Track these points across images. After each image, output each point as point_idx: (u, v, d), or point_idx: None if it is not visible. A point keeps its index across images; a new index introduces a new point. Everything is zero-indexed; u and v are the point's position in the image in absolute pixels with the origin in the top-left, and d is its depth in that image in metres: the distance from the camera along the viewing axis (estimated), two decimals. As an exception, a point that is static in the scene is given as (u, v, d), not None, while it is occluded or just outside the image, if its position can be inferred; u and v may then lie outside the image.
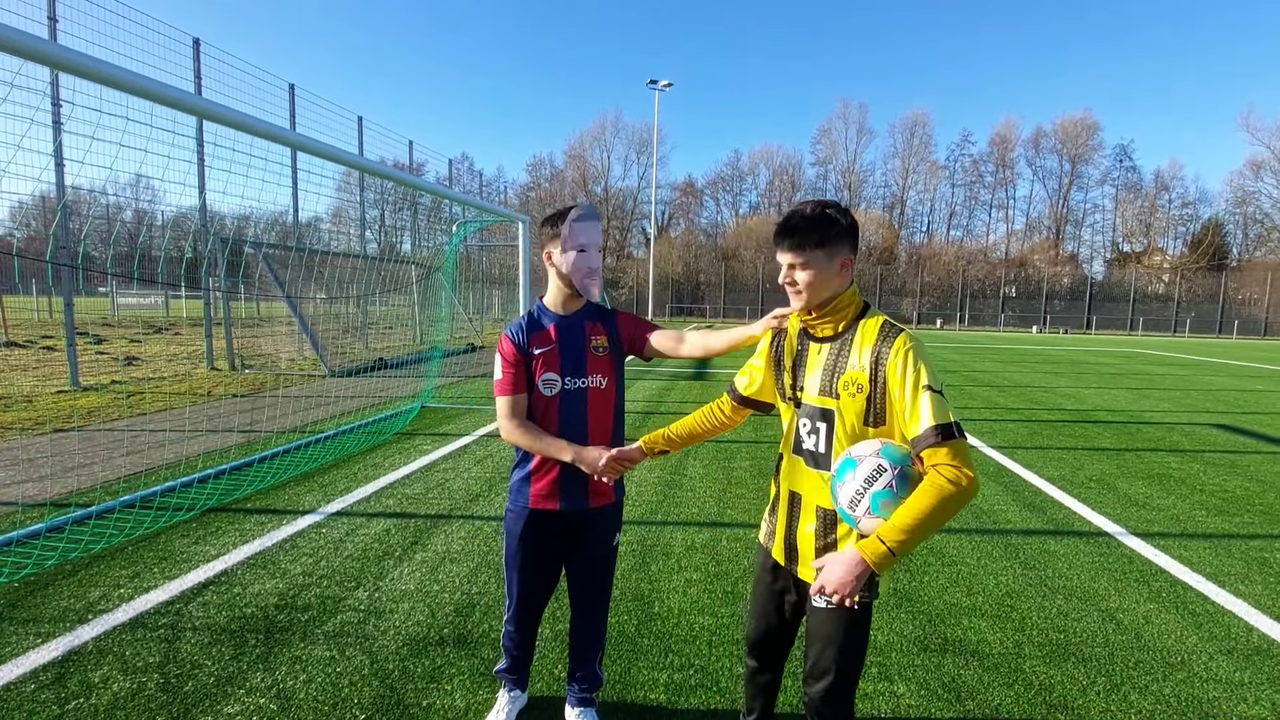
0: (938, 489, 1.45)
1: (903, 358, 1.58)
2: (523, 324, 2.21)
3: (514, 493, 2.28)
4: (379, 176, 8.38)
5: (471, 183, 39.41)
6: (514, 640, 2.38)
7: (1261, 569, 3.97)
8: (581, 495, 2.21)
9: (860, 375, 1.63)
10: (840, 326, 1.72)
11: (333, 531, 4.20)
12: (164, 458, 5.79)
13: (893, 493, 1.49)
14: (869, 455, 1.55)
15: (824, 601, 1.70)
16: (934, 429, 1.50)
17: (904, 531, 1.44)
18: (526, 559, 2.28)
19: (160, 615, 3.11)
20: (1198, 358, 22.75)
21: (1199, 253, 58.74)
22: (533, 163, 74.86)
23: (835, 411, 1.67)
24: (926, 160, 68.89)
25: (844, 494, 1.55)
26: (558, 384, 2.16)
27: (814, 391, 1.72)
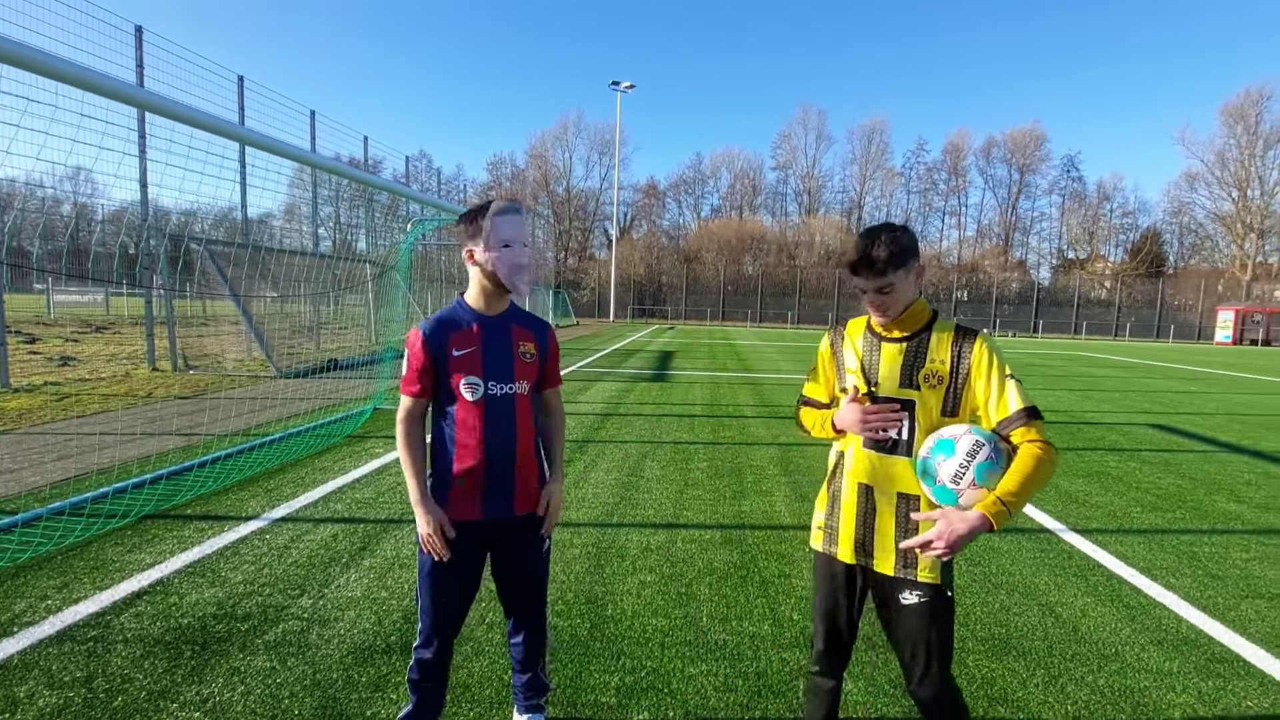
0: (1036, 458, 1.65)
1: (985, 353, 1.79)
2: (439, 321, 2.06)
3: (434, 500, 2.09)
4: (331, 173, 8.17)
5: (430, 180, 38.77)
6: (429, 670, 2.15)
7: (1191, 563, 4.16)
8: (506, 501, 2.10)
9: (941, 368, 1.81)
10: (916, 328, 1.87)
11: (277, 538, 4.06)
12: (98, 462, 5.52)
13: (993, 463, 1.65)
14: (963, 434, 1.69)
15: (915, 597, 1.82)
16: (1023, 410, 1.72)
17: (1016, 494, 1.62)
18: (448, 575, 2.08)
19: (89, 627, 2.96)
20: (1137, 360, 23.78)
21: (1138, 260, 61.60)
22: (493, 161, 73.98)
23: (916, 402, 1.82)
24: (883, 167, 70.73)
25: (945, 470, 1.66)
26: (481, 388, 2.03)
27: (895, 384, 1.85)
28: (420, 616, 2.14)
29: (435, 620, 2.11)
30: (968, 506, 1.66)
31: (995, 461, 1.66)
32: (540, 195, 68.79)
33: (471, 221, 2.02)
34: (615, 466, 5.99)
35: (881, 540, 1.86)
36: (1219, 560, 4.21)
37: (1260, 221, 59.17)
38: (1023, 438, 1.71)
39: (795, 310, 58.02)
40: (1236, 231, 60.85)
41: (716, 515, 4.76)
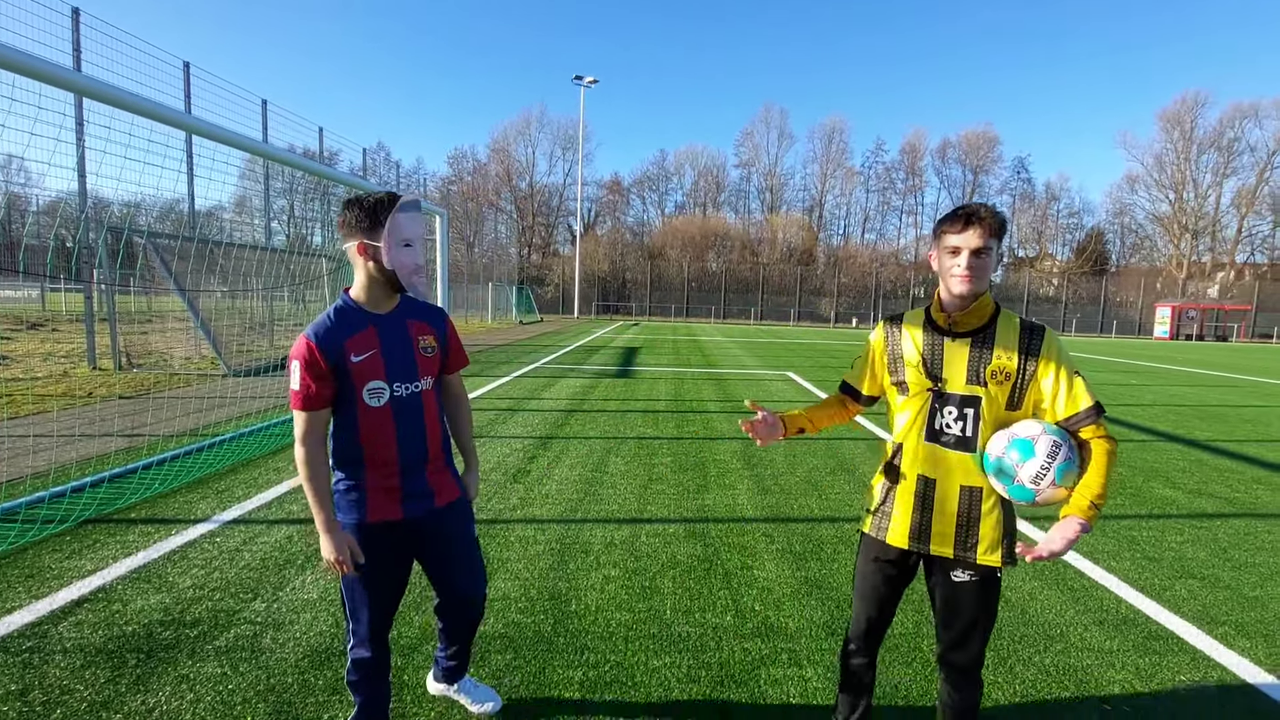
0: (1109, 454, 1.74)
1: (1055, 349, 1.81)
2: (331, 325, 1.92)
3: (346, 505, 2.01)
4: (285, 164, 7.90)
5: (389, 174, 37.97)
6: (369, 670, 2.13)
7: (1130, 546, 4.35)
8: (425, 496, 2.07)
9: (1009, 364, 1.81)
10: (982, 322, 1.86)
11: (228, 541, 3.94)
12: (34, 465, 5.26)
13: (1070, 463, 1.70)
14: (1040, 435, 1.72)
15: (967, 576, 1.89)
16: (1093, 407, 1.77)
17: (1102, 493, 1.70)
18: (374, 580, 2.04)
19: (24, 638, 2.82)
20: (1082, 355, 24.72)
21: (1083, 259, 64.08)
22: (454, 155, 72.78)
23: (982, 398, 1.82)
24: (843, 166, 71.94)
25: (1025, 472, 1.70)
26: (386, 392, 1.96)
27: (960, 381, 1.85)
28: (349, 619, 2.09)
29: (369, 621, 2.07)
30: (1046, 504, 1.74)
31: (1072, 461, 1.71)
32: (503, 190, 68.01)
33: (370, 214, 1.89)
34: (579, 462, 5.97)
35: (941, 529, 1.90)
36: (1155, 543, 4.41)
37: (1195, 222, 62.24)
38: (1093, 434, 1.76)
39: (758, 307, 58.71)
40: (1173, 232, 63.86)
41: (680, 509, 4.78)
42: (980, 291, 1.82)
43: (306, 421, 1.92)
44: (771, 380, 13.06)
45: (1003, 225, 1.79)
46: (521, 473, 5.61)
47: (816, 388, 12.03)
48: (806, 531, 4.42)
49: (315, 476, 1.93)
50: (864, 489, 5.47)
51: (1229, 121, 60.55)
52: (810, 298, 60.65)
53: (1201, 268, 62.39)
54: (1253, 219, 61.83)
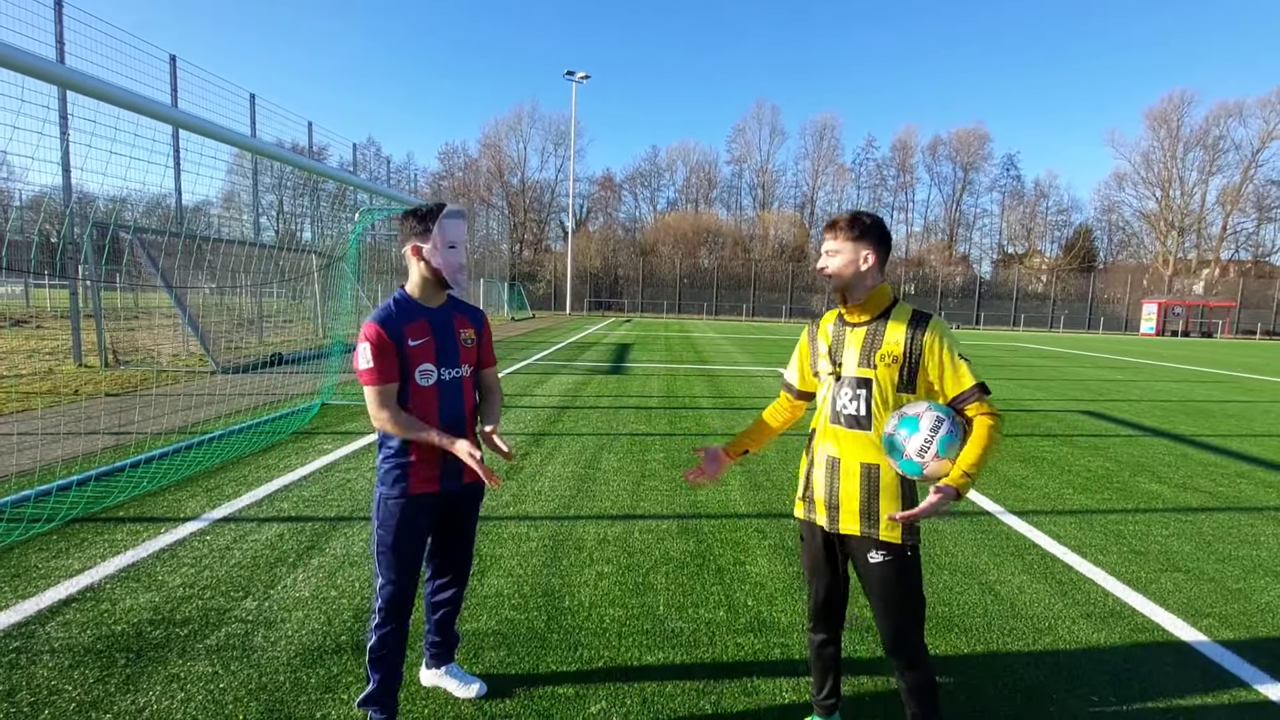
0: (990, 429, 1.88)
1: (939, 335, 1.98)
2: (393, 313, 2.20)
3: (391, 480, 2.22)
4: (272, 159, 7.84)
5: (379, 169, 37.67)
6: (391, 644, 2.24)
7: (1117, 540, 4.40)
8: (458, 474, 2.28)
9: (896, 349, 1.99)
10: (877, 313, 2.06)
11: (218, 539, 3.91)
12: (19, 464, 5.20)
13: (953, 436, 1.84)
14: (925, 411, 1.87)
15: (880, 556, 2.01)
16: (976, 386, 1.93)
17: (977, 464, 1.84)
18: (410, 548, 2.25)
19: (11, 638, 2.79)
20: (1070, 351, 24.95)
21: (1071, 255, 64.55)
22: (445, 150, 72.38)
23: (873, 380, 2.01)
24: (834, 162, 72.08)
25: (912, 445, 1.84)
26: (434, 374, 2.23)
27: (853, 365, 2.05)
28: (381, 592, 2.24)
29: (402, 592, 2.24)
30: (933, 476, 1.86)
31: (954, 434, 1.84)
32: (494, 186, 67.68)
33: (421, 221, 2.19)
34: (572, 459, 5.97)
35: (847, 504, 2.05)
36: (1142, 537, 4.46)
37: (1181, 220, 62.84)
38: (976, 411, 1.92)
39: (750, 303, 58.78)
40: (1160, 229, 64.46)
41: (673, 506, 4.79)
42: (842, 287, 2.07)
43: (381, 394, 2.15)
44: (763, 376, 13.09)
45: (852, 226, 2.03)
46: (514, 469, 5.60)
47: (808, 384, 12.06)
48: (798, 527, 4.43)
49: (408, 425, 2.16)
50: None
51: (1214, 120, 61.23)
52: (802, 294, 60.78)
53: (1187, 264, 63.04)
54: (1237, 216, 62.58)
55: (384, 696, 2.25)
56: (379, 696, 2.24)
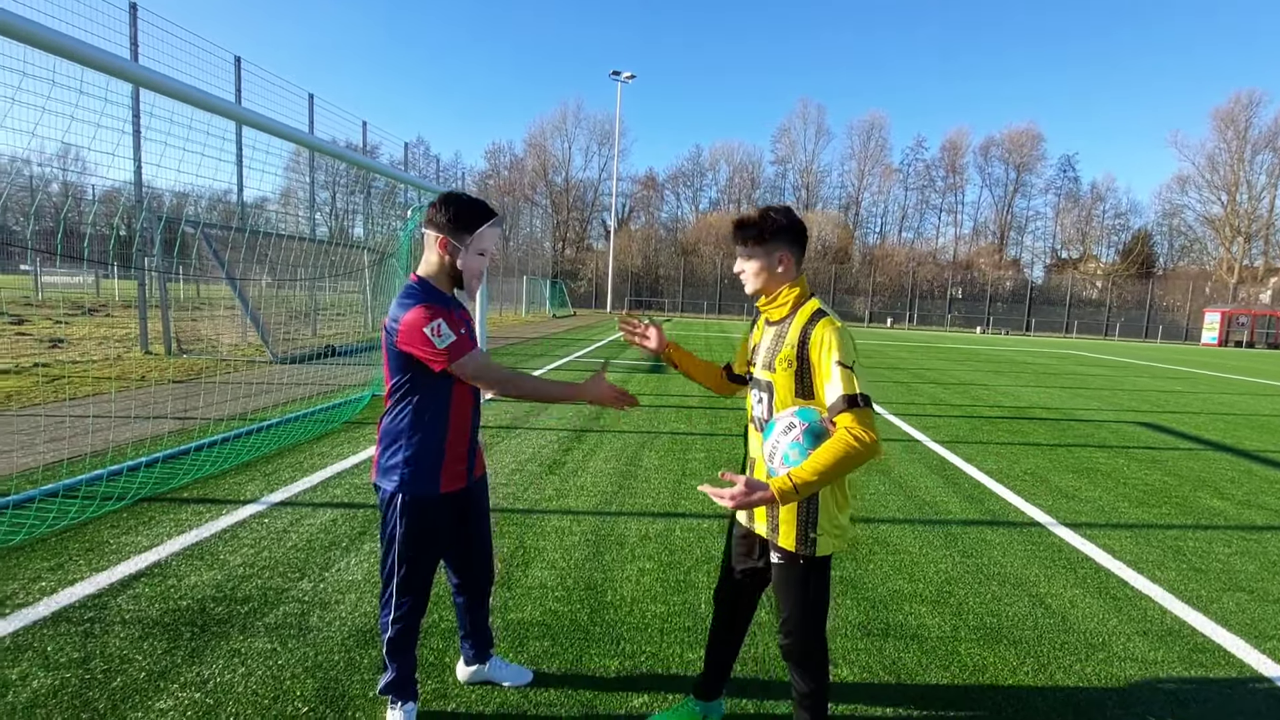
0: (843, 445, 1.68)
1: (822, 337, 1.83)
2: (436, 298, 2.12)
3: (418, 480, 2.12)
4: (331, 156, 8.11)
5: (428, 168, 38.48)
6: (411, 639, 2.25)
7: (1176, 556, 4.23)
8: (473, 466, 2.29)
9: (790, 353, 1.89)
10: (784, 314, 1.98)
11: (276, 522, 4.07)
12: (92, 445, 5.50)
13: (800, 445, 1.73)
14: (786, 415, 1.81)
15: (778, 558, 1.98)
16: (842, 397, 1.74)
17: (809, 474, 1.68)
18: (436, 547, 2.24)
19: (86, 609, 2.96)
20: (1126, 360, 24.00)
21: (1129, 261, 62.01)
22: (491, 150, 73.37)
23: (773, 382, 1.94)
24: (881, 163, 70.70)
25: (766, 448, 1.81)
26: None
27: (761, 366, 2.01)
28: (399, 591, 2.18)
29: (420, 593, 2.23)
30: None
31: (802, 444, 1.73)
32: (539, 185, 68.44)
33: (463, 217, 2.09)
34: (614, 456, 6.02)
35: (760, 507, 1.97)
36: (1203, 554, 4.28)
37: (1247, 225, 59.73)
38: (840, 423, 1.73)
39: (789, 305, 58.03)
40: (1225, 235, 61.37)
41: (714, 505, 4.79)
42: (755, 289, 2.02)
43: (482, 359, 2.10)
44: (804, 379, 12.94)
45: (752, 228, 1.96)
46: (557, 464, 5.67)
47: (850, 387, 11.89)
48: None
49: (529, 381, 2.17)
50: (899, 489, 5.41)
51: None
52: (844, 296, 59.84)
53: (1254, 272, 59.83)
54: (1312, 222, 59.17)
55: (405, 683, 2.27)
56: (401, 684, 2.26)
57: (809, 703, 2.04)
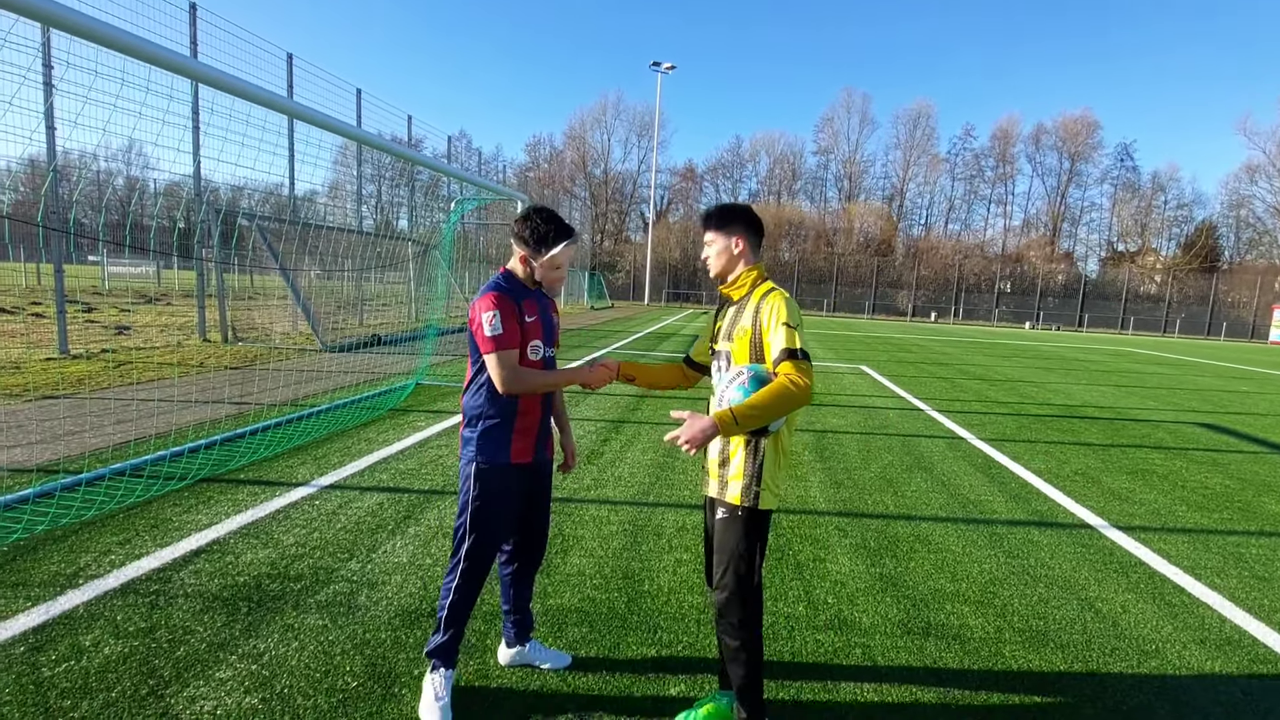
0: (780, 386, 1.94)
1: (772, 304, 2.10)
2: (509, 287, 2.32)
3: (491, 449, 2.32)
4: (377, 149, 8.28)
5: (470, 161, 39.03)
6: (466, 608, 2.37)
7: (1237, 563, 4.06)
8: (546, 446, 2.48)
9: (747, 324, 2.15)
10: (742, 293, 2.24)
11: (326, 504, 4.22)
12: (155, 427, 5.77)
13: (744, 388, 1.98)
14: (737, 368, 2.07)
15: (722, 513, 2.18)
16: (784, 350, 2.01)
17: (749, 408, 1.92)
18: (507, 515, 2.39)
19: (151, 582, 3.12)
20: (1186, 358, 22.96)
21: (1191, 254, 59.06)
22: (532, 143, 74.12)
23: (730, 352, 2.19)
24: (928, 153, 68.83)
25: (716, 395, 2.04)
26: (541, 350, 2.38)
27: (722, 339, 2.25)
28: (468, 553, 2.33)
29: (486, 559, 2.37)
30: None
31: (747, 386, 1.98)
32: (578, 177, 68.76)
33: (541, 239, 2.30)
34: (651, 447, 6.05)
35: (709, 466, 2.26)
36: (1266, 562, 4.10)
37: (1326, 216, 56.23)
38: (781, 371, 1.98)
39: (831, 298, 57.19)
40: (1299, 226, 57.95)
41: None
42: (717, 271, 2.28)
43: (509, 359, 2.23)
44: (845, 374, 12.76)
45: (716, 217, 2.24)
46: (595, 454, 5.73)
47: (893, 383, 11.69)
48: (881, 528, 4.34)
49: (538, 378, 2.30)
50: (942, 487, 5.31)
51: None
52: (887, 290, 58.62)
53: (1331, 266, 56.43)
54: (1397, 213, 55.43)
55: (450, 650, 2.37)
56: (447, 650, 2.35)
57: (743, 657, 2.17)
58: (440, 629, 2.36)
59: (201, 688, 2.37)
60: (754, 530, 2.16)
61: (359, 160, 15.65)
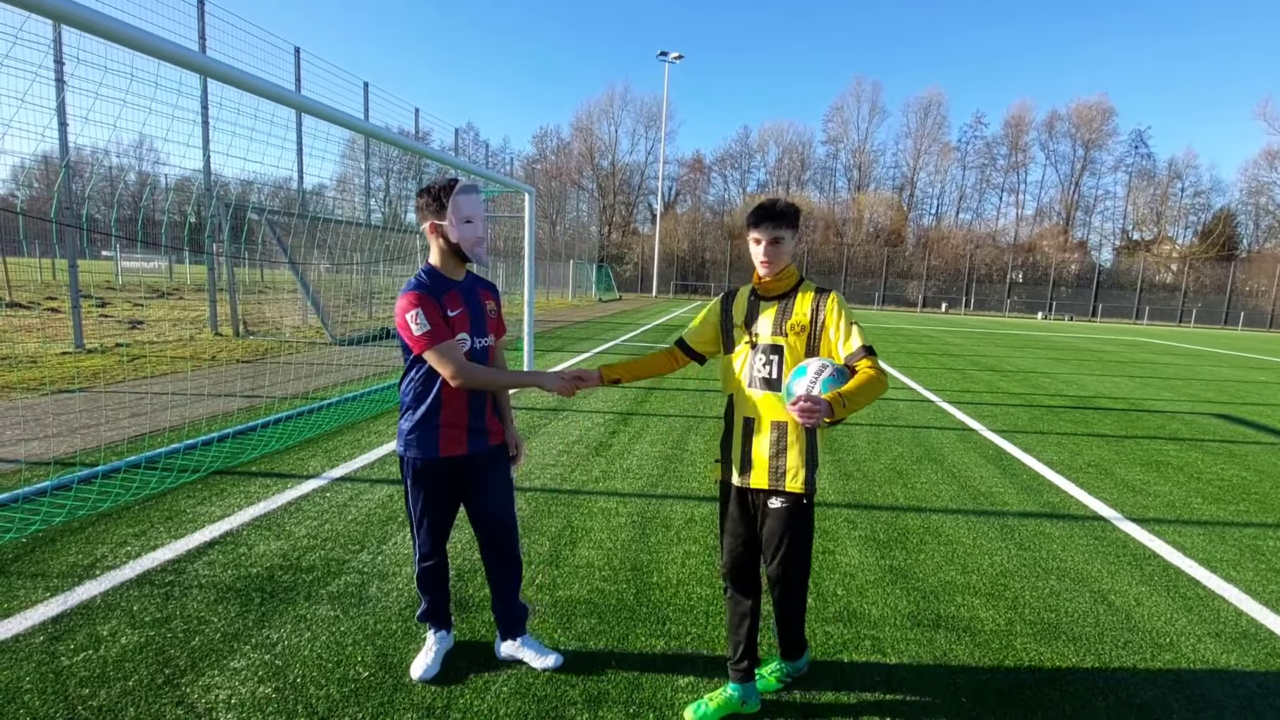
0: (871, 379, 2.09)
1: (837, 306, 2.24)
2: (428, 283, 2.29)
3: (417, 443, 2.34)
4: (385, 142, 8.30)
5: (477, 153, 38.99)
6: (433, 573, 2.51)
7: (1254, 556, 4.01)
8: (483, 436, 2.43)
9: (803, 319, 2.25)
10: (786, 289, 2.31)
11: (336, 496, 4.25)
12: (169, 420, 5.83)
13: (834, 378, 2.07)
14: (813, 362, 2.15)
15: (780, 502, 2.28)
16: (862, 347, 2.17)
17: (850, 393, 2.03)
18: (437, 506, 2.43)
19: (166, 573, 3.16)
20: (1202, 348, 22.68)
21: (1209, 243, 58.21)
22: (539, 135, 73.79)
23: (785, 346, 2.26)
24: (939, 141, 68.07)
25: (800, 387, 2.08)
26: (468, 343, 2.33)
27: (767, 334, 2.28)
28: (417, 537, 2.49)
29: (433, 545, 2.48)
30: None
31: (835, 378, 2.08)
32: (585, 169, 68.57)
33: (435, 199, 2.27)
34: (659, 439, 6.05)
35: (758, 459, 2.30)
36: (1286, 555, 4.05)
37: (1348, 202, 55.21)
38: (863, 366, 2.14)
39: (841, 289, 56.34)
40: (1320, 213, 56.94)
41: (759, 490, 4.77)
42: (779, 269, 2.29)
43: (452, 349, 2.23)
44: (854, 365, 12.69)
45: (791, 216, 2.26)
46: (603, 446, 5.74)
47: (903, 374, 11.62)
48: (891, 520, 4.32)
49: (494, 376, 2.33)
50: (952, 479, 5.28)
51: (1398, 88, 53.11)
52: (897, 280, 58.24)
53: (1353, 254, 55.45)
54: None
55: (437, 614, 2.56)
56: (433, 613, 2.56)
57: (796, 625, 2.44)
58: (420, 597, 2.59)
59: (216, 677, 2.40)
60: (811, 512, 2.33)
61: (366, 153, 15.67)
